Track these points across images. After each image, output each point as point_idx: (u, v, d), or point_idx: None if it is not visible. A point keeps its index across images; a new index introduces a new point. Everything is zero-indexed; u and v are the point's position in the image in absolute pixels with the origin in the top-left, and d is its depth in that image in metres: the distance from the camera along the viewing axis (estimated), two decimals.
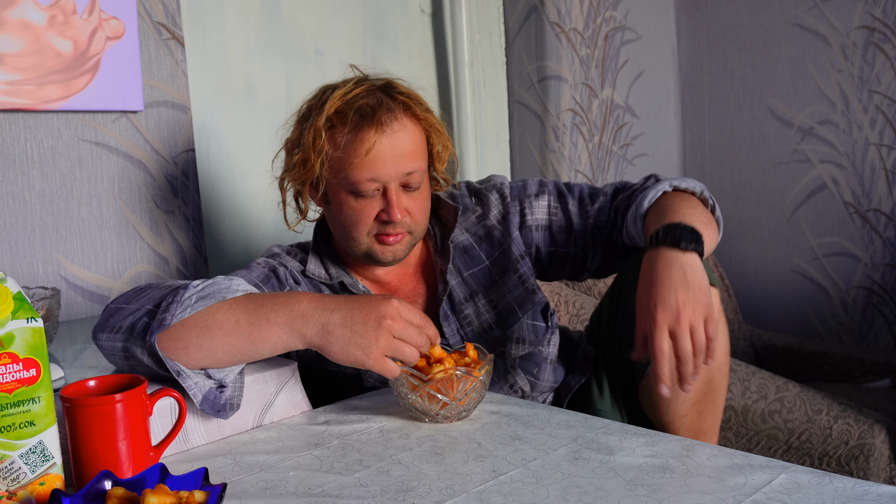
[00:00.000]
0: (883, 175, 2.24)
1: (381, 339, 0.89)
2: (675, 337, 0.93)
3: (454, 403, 0.97)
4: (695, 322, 0.93)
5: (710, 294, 0.96)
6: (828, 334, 2.40)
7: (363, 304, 0.91)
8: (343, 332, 0.89)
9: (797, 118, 2.41)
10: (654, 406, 1.16)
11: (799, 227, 2.44)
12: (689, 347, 0.92)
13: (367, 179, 1.12)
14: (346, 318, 0.90)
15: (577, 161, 2.39)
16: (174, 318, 0.91)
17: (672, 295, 0.94)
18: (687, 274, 0.96)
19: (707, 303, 0.94)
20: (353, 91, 1.13)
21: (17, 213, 1.49)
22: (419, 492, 0.78)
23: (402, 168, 1.13)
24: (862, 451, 1.57)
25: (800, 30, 2.37)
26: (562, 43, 2.33)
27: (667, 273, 0.96)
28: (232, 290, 0.96)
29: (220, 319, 0.91)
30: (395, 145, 1.12)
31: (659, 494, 0.75)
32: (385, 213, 1.14)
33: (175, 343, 0.90)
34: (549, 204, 1.28)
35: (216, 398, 0.93)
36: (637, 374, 1.17)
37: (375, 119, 1.11)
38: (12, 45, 1.43)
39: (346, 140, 1.12)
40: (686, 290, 0.94)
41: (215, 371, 0.93)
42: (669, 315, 0.93)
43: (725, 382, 1.17)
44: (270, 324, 0.91)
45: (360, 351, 0.89)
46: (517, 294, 1.25)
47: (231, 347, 0.91)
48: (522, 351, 1.24)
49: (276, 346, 0.92)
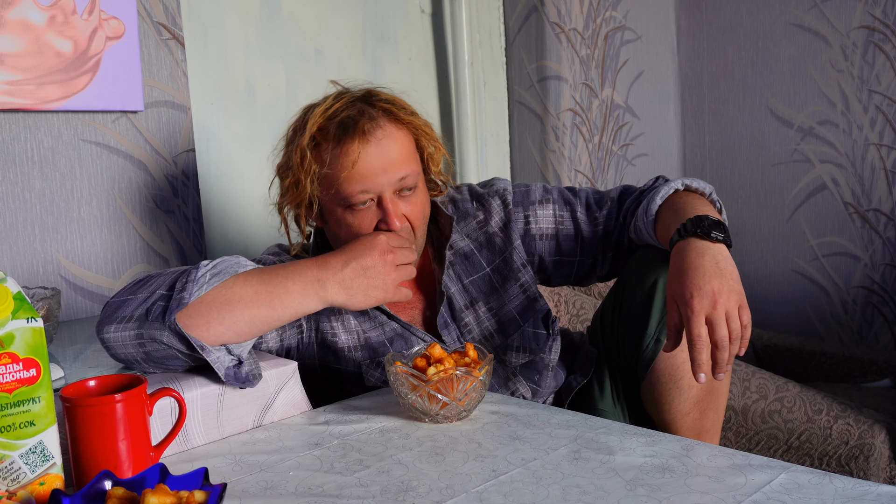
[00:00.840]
0: (883, 175, 2.24)
1: (391, 272, 1.03)
2: (711, 324, 0.93)
3: (454, 403, 0.97)
4: (730, 309, 0.94)
5: (741, 283, 0.98)
6: (828, 334, 2.40)
7: (362, 251, 1.04)
8: (360, 281, 1.02)
9: (797, 118, 2.41)
10: (656, 404, 1.16)
11: (799, 227, 2.44)
12: (726, 334, 0.93)
13: (358, 192, 1.11)
14: (356, 270, 1.02)
15: (577, 161, 2.39)
16: (192, 296, 0.95)
17: (707, 283, 0.94)
18: (719, 263, 0.97)
19: (740, 291, 0.96)
20: (334, 106, 1.13)
21: (17, 213, 1.49)
22: (419, 492, 0.78)
23: (392, 175, 1.12)
24: (862, 451, 1.57)
25: (800, 30, 2.37)
26: (562, 43, 2.33)
27: (700, 262, 0.97)
28: (242, 265, 1.01)
29: (238, 292, 0.97)
30: (382, 153, 1.11)
31: (659, 494, 0.75)
32: (383, 223, 1.13)
33: (195, 320, 0.94)
34: (555, 212, 1.27)
35: (237, 374, 0.97)
36: (639, 372, 1.17)
37: (358, 130, 1.10)
38: (12, 45, 1.43)
39: (332, 156, 1.11)
40: (721, 278, 0.95)
41: (234, 346, 0.97)
42: (707, 302, 0.93)
43: (727, 382, 1.17)
44: (289, 291, 0.99)
45: (379, 291, 1.03)
46: (518, 302, 1.24)
47: (253, 317, 0.97)
48: (523, 359, 1.24)
49: (298, 310, 1.00)
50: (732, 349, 0.94)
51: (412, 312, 1.25)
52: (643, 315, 1.14)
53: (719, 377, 0.95)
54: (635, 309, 1.16)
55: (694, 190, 1.17)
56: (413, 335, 1.20)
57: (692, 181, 1.17)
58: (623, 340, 1.20)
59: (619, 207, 1.25)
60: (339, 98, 1.15)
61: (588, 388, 1.28)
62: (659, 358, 1.14)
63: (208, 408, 0.96)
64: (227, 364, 0.97)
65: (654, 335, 1.14)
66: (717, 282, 0.95)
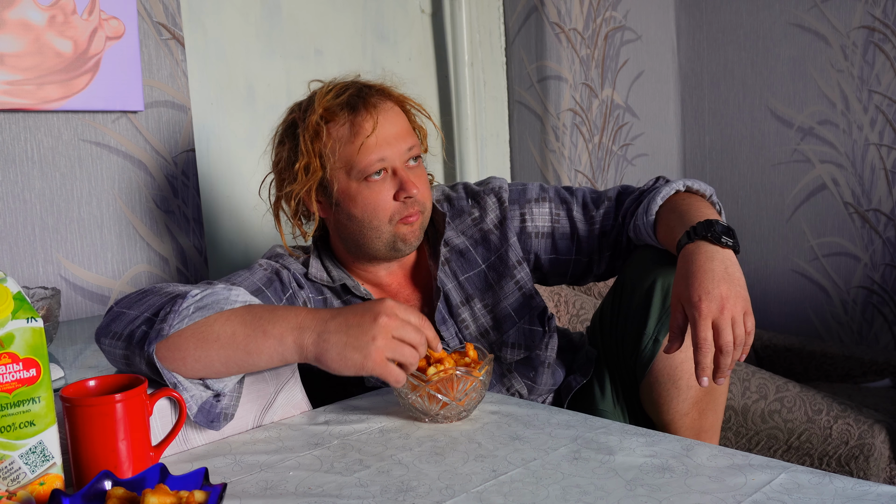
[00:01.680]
0: (883, 175, 2.24)
1: (379, 338, 0.86)
2: (717, 329, 0.93)
3: (454, 403, 0.97)
4: (736, 315, 0.94)
5: (747, 290, 0.98)
6: (828, 334, 2.40)
7: (358, 308, 0.90)
8: (339, 336, 0.86)
9: (797, 118, 2.41)
10: (655, 405, 1.16)
11: (799, 227, 2.44)
12: (731, 339, 0.93)
13: (376, 160, 1.14)
14: (341, 324, 0.87)
15: (577, 161, 2.39)
16: (171, 328, 0.90)
17: (716, 287, 0.94)
18: (728, 268, 0.97)
19: (747, 297, 0.96)
20: (333, 90, 1.17)
21: (17, 213, 1.49)
22: (419, 492, 0.78)
23: (403, 145, 1.16)
24: (862, 451, 1.57)
25: (800, 30, 2.37)
26: (562, 43, 2.33)
27: (709, 266, 0.97)
28: (231, 300, 0.94)
29: (216, 331, 0.90)
30: (393, 123, 1.16)
31: (659, 494, 0.74)
32: (402, 190, 1.15)
33: (173, 353, 0.90)
34: (552, 211, 1.27)
35: (212, 407, 0.93)
36: (638, 372, 1.17)
37: (368, 103, 1.15)
38: (12, 45, 1.43)
39: (345, 129, 1.15)
40: (729, 284, 0.95)
41: (213, 382, 0.92)
42: (714, 307, 0.93)
43: (727, 383, 1.17)
44: (267, 335, 0.89)
45: (357, 353, 0.85)
46: (514, 299, 1.25)
47: (227, 359, 0.90)
48: (518, 356, 1.24)
49: (273, 358, 0.90)
50: (735, 354, 0.94)
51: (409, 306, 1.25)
52: (641, 315, 1.14)
53: (720, 381, 0.95)
54: (633, 309, 1.16)
55: (695, 191, 1.17)
56: None
57: (693, 182, 1.17)
58: (622, 341, 1.20)
59: (617, 207, 1.25)
60: (334, 83, 1.20)
61: (588, 388, 1.28)
62: (657, 358, 1.14)
63: None
64: (202, 399, 0.93)
65: (653, 335, 1.14)
66: (725, 287, 0.94)
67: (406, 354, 0.88)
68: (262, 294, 1.12)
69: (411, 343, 0.88)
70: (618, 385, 1.25)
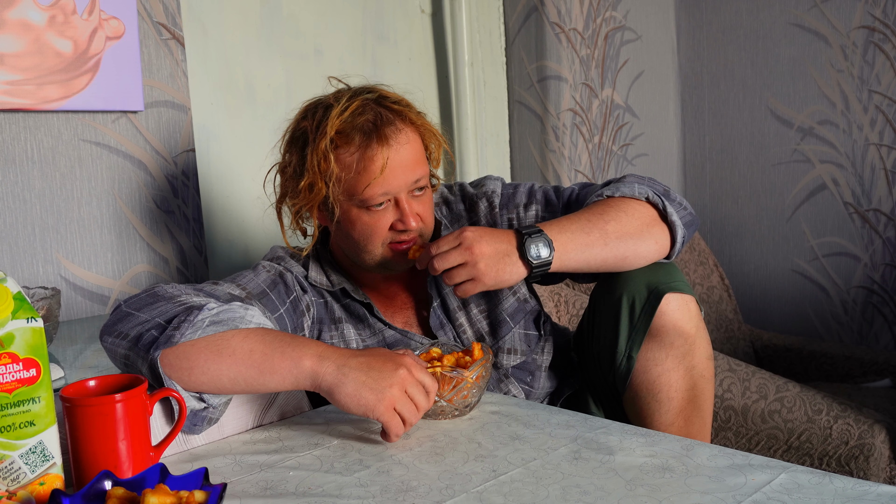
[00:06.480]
0: (883, 175, 2.24)
1: (395, 387, 0.89)
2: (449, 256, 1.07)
3: (453, 403, 0.97)
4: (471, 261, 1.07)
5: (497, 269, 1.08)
6: (828, 334, 2.40)
7: (381, 354, 0.93)
8: (358, 374, 0.90)
9: (797, 118, 2.41)
10: (639, 418, 1.17)
11: (799, 227, 2.44)
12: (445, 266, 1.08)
13: (380, 194, 1.12)
14: (363, 364, 0.91)
15: (577, 161, 2.39)
16: (183, 337, 0.90)
17: (487, 243, 1.07)
18: (500, 250, 1.07)
19: (485, 270, 1.07)
20: (349, 108, 1.12)
21: (17, 213, 1.49)
22: (419, 492, 0.78)
23: (410, 178, 1.14)
24: (862, 451, 1.57)
25: (800, 30, 2.37)
26: (562, 43, 2.33)
27: (496, 235, 1.09)
28: (246, 320, 0.95)
29: (233, 345, 0.91)
30: (402, 157, 1.13)
31: (659, 494, 0.75)
32: (400, 222, 1.14)
33: (180, 362, 0.90)
34: (538, 214, 1.26)
35: (196, 413, 0.93)
36: (619, 387, 1.17)
37: (381, 135, 1.11)
38: (12, 45, 1.43)
39: (354, 160, 1.12)
40: (496, 248, 1.08)
41: (210, 397, 0.93)
42: (465, 250, 1.07)
43: (710, 387, 1.16)
44: (284, 357, 0.91)
45: (372, 395, 0.89)
46: (509, 304, 1.25)
47: (237, 375, 0.91)
48: (514, 361, 1.24)
49: (285, 380, 0.91)
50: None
51: (406, 314, 1.25)
52: (612, 332, 1.15)
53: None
54: (605, 326, 1.16)
55: (630, 196, 1.14)
56: (411, 340, 1.21)
57: (632, 187, 1.15)
58: (598, 357, 1.20)
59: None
60: (352, 99, 1.14)
61: (582, 395, 1.28)
62: (634, 373, 1.14)
63: None
64: (193, 407, 0.93)
65: (626, 353, 1.14)
66: (488, 248, 1.07)
67: (411, 411, 0.91)
68: (266, 296, 1.13)
69: (417, 404, 0.91)
70: (601, 398, 1.25)
